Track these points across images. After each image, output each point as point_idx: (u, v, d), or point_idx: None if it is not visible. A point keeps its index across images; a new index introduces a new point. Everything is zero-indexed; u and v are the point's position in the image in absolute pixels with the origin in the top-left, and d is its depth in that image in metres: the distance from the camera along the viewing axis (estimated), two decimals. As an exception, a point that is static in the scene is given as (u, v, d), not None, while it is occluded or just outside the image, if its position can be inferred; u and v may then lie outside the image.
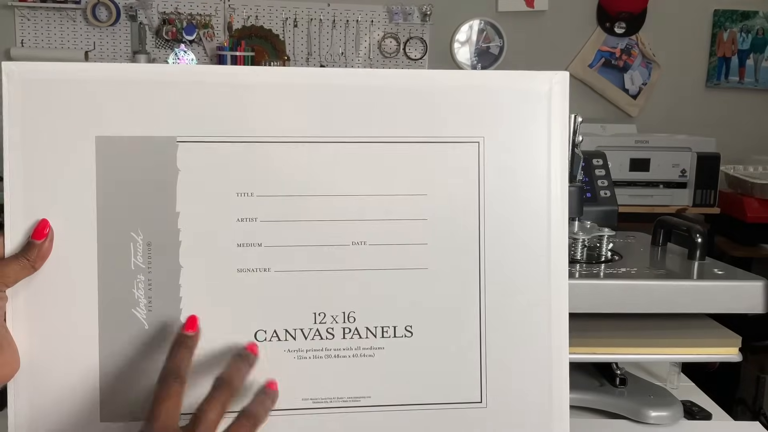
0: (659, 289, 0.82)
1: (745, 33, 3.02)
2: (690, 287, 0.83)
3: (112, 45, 2.87)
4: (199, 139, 0.56)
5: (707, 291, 0.83)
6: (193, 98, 0.56)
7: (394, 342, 0.58)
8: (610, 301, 0.81)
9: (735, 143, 2.95)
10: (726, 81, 3.04)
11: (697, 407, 0.95)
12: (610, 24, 2.97)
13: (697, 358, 0.88)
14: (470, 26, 2.96)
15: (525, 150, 0.59)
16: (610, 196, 1.08)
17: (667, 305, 0.83)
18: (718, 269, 0.87)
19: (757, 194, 2.64)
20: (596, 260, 0.92)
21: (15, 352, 0.53)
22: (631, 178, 2.60)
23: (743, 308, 0.83)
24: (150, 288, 0.55)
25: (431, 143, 0.58)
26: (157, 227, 0.55)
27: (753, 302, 0.83)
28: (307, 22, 2.91)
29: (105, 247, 0.55)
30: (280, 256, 0.57)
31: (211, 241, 0.56)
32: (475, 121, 0.59)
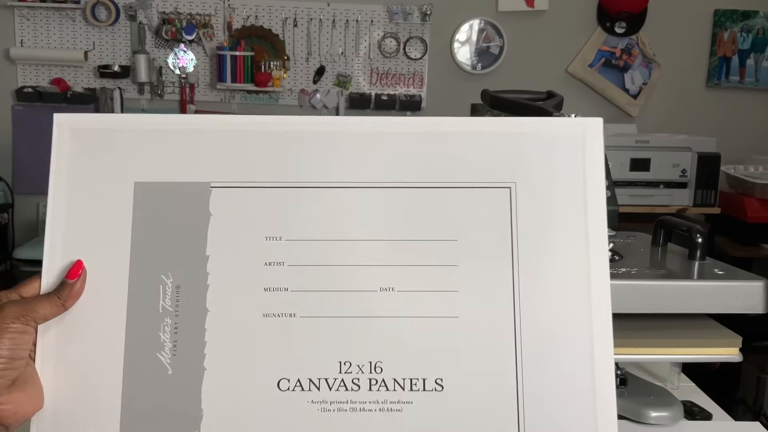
0: (659, 289, 0.82)
1: (746, 33, 3.02)
2: (690, 287, 0.83)
3: (112, 45, 2.87)
4: (232, 184, 0.57)
5: (707, 291, 0.82)
6: (227, 146, 0.57)
7: (423, 396, 0.55)
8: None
9: (735, 143, 2.94)
10: (726, 81, 3.04)
11: (698, 407, 0.94)
12: (610, 24, 2.97)
13: (697, 358, 0.87)
14: (470, 26, 2.96)
15: (560, 195, 0.57)
16: (610, 196, 1.07)
17: (667, 305, 0.82)
18: (719, 269, 0.87)
19: (758, 194, 2.64)
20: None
21: (40, 389, 0.53)
22: (631, 178, 2.59)
23: (744, 308, 0.82)
24: (176, 332, 0.55)
25: (461, 188, 0.57)
26: (186, 270, 0.56)
27: (753, 302, 0.82)
28: (307, 21, 2.90)
29: (135, 290, 0.55)
30: (306, 302, 0.56)
31: (238, 284, 0.56)
32: (507, 166, 0.57)
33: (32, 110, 2.85)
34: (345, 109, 2.94)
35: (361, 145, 0.58)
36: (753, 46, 3.03)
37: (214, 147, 0.57)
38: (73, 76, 2.87)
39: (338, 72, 2.94)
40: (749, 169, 2.77)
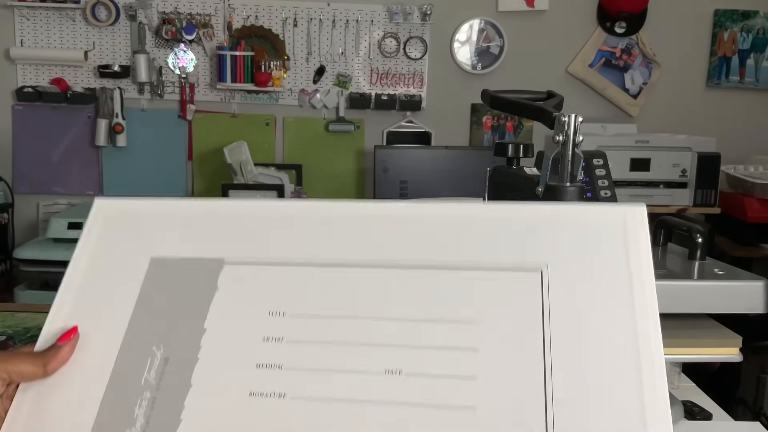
0: (659, 289, 0.82)
1: (746, 33, 3.02)
2: (690, 287, 0.83)
3: (112, 45, 2.87)
4: (244, 261, 0.57)
5: (708, 291, 0.83)
6: (242, 227, 0.58)
7: None
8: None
9: (735, 143, 2.94)
10: (726, 81, 3.04)
11: (698, 407, 0.95)
12: (610, 24, 2.97)
13: (697, 358, 0.87)
14: (470, 26, 2.95)
15: (600, 285, 0.51)
16: (610, 196, 1.07)
17: (667, 305, 0.82)
18: (719, 269, 0.87)
19: (758, 194, 2.64)
20: None
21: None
22: (631, 178, 2.59)
23: (744, 308, 0.82)
24: (153, 407, 0.51)
25: (487, 270, 0.53)
26: (179, 343, 0.54)
27: (753, 302, 0.82)
28: (307, 21, 2.90)
29: (122, 361, 0.54)
30: (299, 381, 0.50)
31: (229, 359, 0.52)
32: (538, 250, 0.53)
33: (32, 110, 2.85)
34: (345, 109, 2.94)
35: (384, 226, 0.56)
36: (753, 46, 3.03)
37: (232, 226, 0.58)
38: (73, 76, 2.87)
39: (338, 72, 2.94)
40: (749, 169, 2.77)
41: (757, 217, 2.62)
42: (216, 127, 2.94)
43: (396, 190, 2.69)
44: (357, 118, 2.96)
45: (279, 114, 2.96)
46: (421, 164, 2.70)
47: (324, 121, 2.96)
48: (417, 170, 2.69)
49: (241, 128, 2.94)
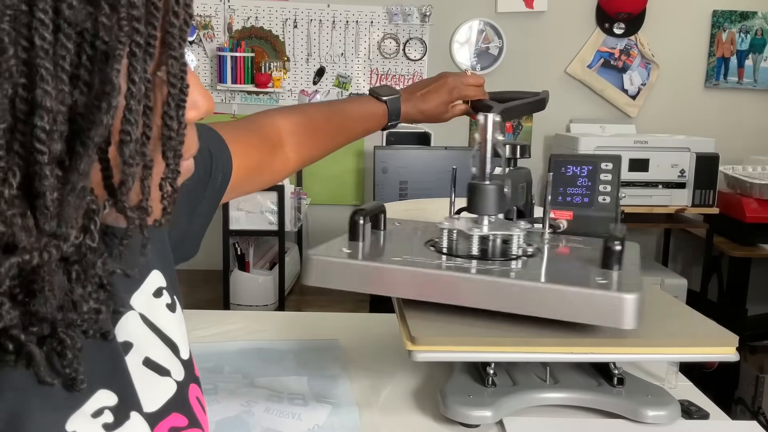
0: (503, 286, 0.79)
1: (744, 33, 3.03)
2: (540, 289, 0.78)
3: (113, 46, 2.88)
4: None
5: (560, 296, 0.77)
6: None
7: None
8: (470, 294, 0.80)
9: (734, 143, 2.95)
10: (725, 81, 3.05)
11: (695, 407, 0.95)
12: (609, 24, 2.97)
13: (694, 357, 0.88)
14: (470, 27, 2.96)
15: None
16: (609, 202, 1.05)
17: (515, 306, 0.79)
18: (602, 278, 0.80)
19: (756, 194, 2.65)
20: (527, 255, 0.90)
21: None
22: (630, 179, 2.60)
23: (604, 321, 0.77)
24: None
25: None
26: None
27: (616, 317, 0.76)
28: (307, 22, 2.91)
29: None
30: None
31: None
32: None
33: (33, 111, 2.86)
34: (345, 110, 2.95)
35: None
36: (751, 46, 3.04)
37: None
38: (74, 77, 2.88)
39: (338, 73, 2.95)
40: (747, 169, 2.78)
41: (756, 217, 2.63)
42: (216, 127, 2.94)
43: (396, 191, 2.70)
44: (357, 119, 2.97)
45: (279, 115, 2.97)
46: (420, 165, 2.70)
47: (324, 122, 2.97)
48: (417, 171, 2.70)
49: (242, 129, 2.95)
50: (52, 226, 0.36)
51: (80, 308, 0.42)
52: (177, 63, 0.40)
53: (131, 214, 0.41)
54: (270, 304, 2.52)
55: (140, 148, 0.40)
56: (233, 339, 1.21)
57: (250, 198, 2.45)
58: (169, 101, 0.41)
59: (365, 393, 1.01)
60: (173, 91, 0.41)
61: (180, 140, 0.42)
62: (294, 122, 0.96)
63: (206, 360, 1.10)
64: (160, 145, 0.42)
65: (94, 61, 0.36)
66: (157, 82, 0.41)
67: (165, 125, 0.41)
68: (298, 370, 1.08)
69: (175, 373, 0.56)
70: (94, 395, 0.45)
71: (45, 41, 0.34)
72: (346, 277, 0.86)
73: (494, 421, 0.89)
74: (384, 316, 1.31)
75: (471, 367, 0.97)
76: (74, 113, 0.36)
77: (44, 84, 0.34)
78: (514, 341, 0.84)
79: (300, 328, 1.30)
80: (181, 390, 0.56)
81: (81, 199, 0.38)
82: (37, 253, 0.36)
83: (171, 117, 0.41)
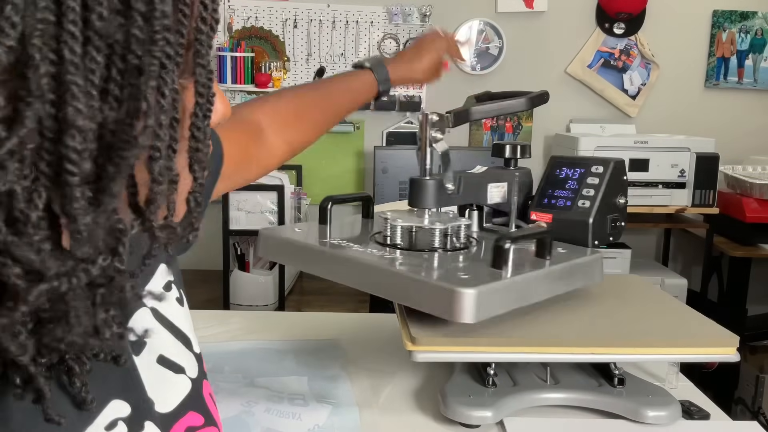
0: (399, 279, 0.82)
1: (744, 33, 3.02)
2: (396, 275, 0.83)
3: (112, 46, 2.88)
4: None
5: (409, 284, 0.82)
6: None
7: None
8: (345, 274, 0.87)
9: (734, 143, 2.95)
10: (725, 81, 3.05)
11: (696, 407, 0.95)
12: (609, 24, 2.97)
13: (694, 357, 0.88)
14: (470, 27, 2.96)
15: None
16: (587, 207, 0.98)
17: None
18: (464, 274, 0.81)
19: (756, 194, 2.65)
20: (449, 248, 0.92)
21: None
22: (630, 179, 2.58)
23: (442, 312, 0.79)
24: None
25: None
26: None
27: (450, 309, 0.77)
28: (307, 22, 2.91)
29: None
30: None
31: None
32: None
33: (33, 111, 2.86)
34: (345, 110, 2.95)
35: None
36: (751, 46, 3.04)
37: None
38: (74, 77, 2.88)
39: (338, 73, 2.95)
40: (747, 169, 2.78)
41: (756, 217, 2.63)
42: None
43: (396, 191, 2.70)
44: (357, 119, 2.97)
45: (279, 115, 2.97)
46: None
47: (324, 122, 2.97)
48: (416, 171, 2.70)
49: (241, 129, 2.95)
50: (85, 252, 0.35)
51: (103, 334, 0.40)
52: (205, 71, 0.39)
53: (159, 233, 0.40)
54: (270, 304, 2.52)
55: (168, 163, 0.38)
56: (233, 339, 1.21)
57: (250, 198, 2.45)
58: (197, 112, 0.39)
59: (365, 393, 1.01)
60: (201, 101, 0.39)
61: (206, 152, 0.41)
62: (276, 109, 0.95)
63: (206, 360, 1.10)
64: (186, 158, 0.40)
65: (125, 76, 0.34)
66: (184, 92, 0.39)
67: (193, 137, 0.40)
68: (298, 370, 1.08)
69: (190, 369, 0.55)
70: (108, 406, 0.44)
71: (75, 55, 0.32)
72: (281, 252, 0.97)
73: (495, 421, 0.89)
74: (384, 316, 1.31)
75: (471, 367, 0.97)
76: (104, 130, 0.35)
77: (76, 101, 0.32)
78: (514, 341, 0.84)
79: (300, 328, 1.30)
80: (196, 387, 0.55)
81: (110, 221, 0.36)
82: (66, 279, 0.35)
83: (199, 128, 0.39)
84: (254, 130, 0.91)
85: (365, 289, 0.87)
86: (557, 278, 0.88)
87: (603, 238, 0.99)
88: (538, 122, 3.02)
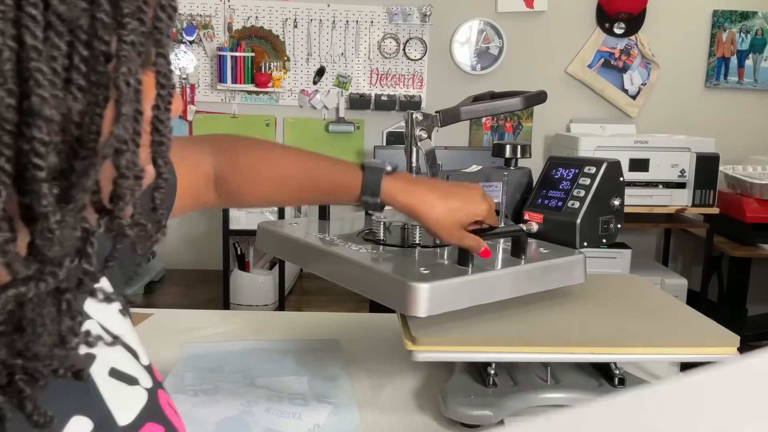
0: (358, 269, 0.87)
1: (744, 33, 3.03)
2: (362, 268, 0.87)
3: (113, 46, 2.88)
4: None
5: (371, 276, 0.86)
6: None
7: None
8: (321, 266, 0.93)
9: (734, 143, 2.95)
10: (725, 81, 3.05)
11: (696, 407, 0.95)
12: (609, 24, 2.97)
13: (695, 357, 0.88)
14: (470, 27, 2.96)
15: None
16: (576, 208, 0.96)
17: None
18: (425, 269, 0.85)
19: (756, 194, 2.65)
20: (431, 245, 0.94)
21: None
22: (630, 179, 2.60)
23: (399, 306, 0.83)
24: None
25: None
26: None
27: (404, 302, 0.80)
28: (307, 22, 2.91)
29: None
30: None
31: None
32: None
33: (33, 111, 2.86)
34: (345, 110, 2.95)
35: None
36: (751, 46, 3.04)
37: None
38: (74, 76, 2.88)
39: (338, 73, 2.95)
40: (748, 169, 2.78)
41: (756, 217, 2.63)
42: (216, 127, 2.95)
43: (396, 191, 2.70)
44: (357, 119, 2.97)
45: (279, 115, 2.97)
46: (420, 165, 2.70)
47: (324, 122, 2.97)
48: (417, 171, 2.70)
49: (242, 129, 2.95)
50: (55, 252, 0.33)
51: (69, 343, 0.36)
52: (165, 61, 0.37)
53: (129, 232, 0.38)
54: (270, 304, 2.52)
55: (133, 158, 0.36)
56: (233, 339, 1.21)
57: (250, 198, 2.44)
58: (159, 103, 0.38)
59: (365, 393, 1.01)
60: (162, 92, 0.38)
61: (169, 145, 0.39)
62: (251, 168, 0.85)
63: (206, 360, 1.10)
64: (149, 153, 0.38)
65: (89, 63, 0.33)
66: (145, 84, 0.37)
67: (156, 130, 0.38)
68: (298, 370, 1.08)
69: (143, 380, 0.52)
70: (68, 424, 0.42)
71: (37, 40, 0.30)
72: (274, 245, 1.02)
73: (495, 421, 0.88)
74: (384, 316, 1.31)
75: (472, 367, 0.97)
76: (67, 123, 0.33)
77: (41, 90, 0.30)
78: (514, 341, 0.84)
79: (300, 328, 1.30)
80: (152, 398, 0.52)
81: (78, 220, 0.34)
82: (34, 284, 0.32)
83: (161, 121, 0.38)
84: (206, 172, 0.83)
85: (337, 281, 0.91)
86: (528, 277, 0.87)
87: (594, 239, 0.98)
88: (539, 122, 3.02)
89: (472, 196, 0.84)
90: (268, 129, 2.97)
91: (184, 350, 1.14)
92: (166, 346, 1.17)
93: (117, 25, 0.33)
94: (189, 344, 1.17)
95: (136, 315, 1.35)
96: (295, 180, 0.86)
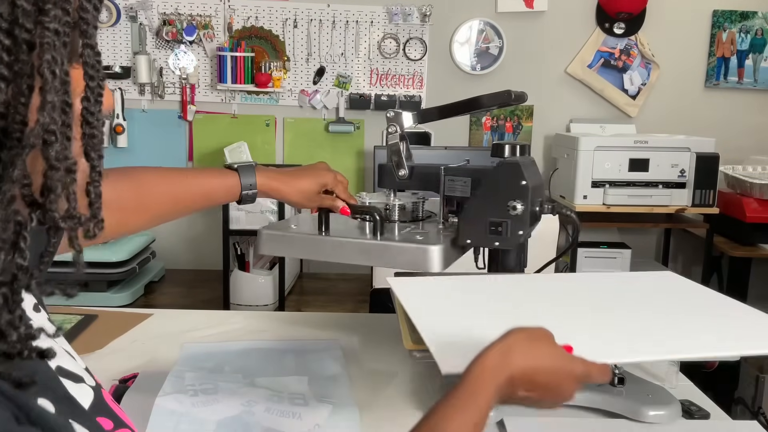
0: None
1: (744, 33, 3.02)
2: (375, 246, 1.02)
3: (113, 46, 2.88)
4: None
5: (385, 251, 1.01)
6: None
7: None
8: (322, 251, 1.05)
9: (734, 143, 2.95)
10: (725, 81, 3.05)
11: (696, 406, 0.95)
12: (609, 24, 2.97)
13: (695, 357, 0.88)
14: (470, 27, 2.96)
15: None
16: (551, 209, 1.10)
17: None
18: (419, 236, 1.04)
19: (756, 194, 2.65)
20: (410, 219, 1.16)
21: None
22: (630, 179, 2.60)
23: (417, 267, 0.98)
24: None
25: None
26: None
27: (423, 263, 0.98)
28: (307, 22, 2.91)
29: None
30: None
31: None
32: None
33: (33, 111, 2.86)
34: (345, 110, 2.95)
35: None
36: (751, 46, 3.04)
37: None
38: (74, 77, 2.88)
39: (338, 73, 2.95)
40: (748, 169, 2.78)
41: (756, 217, 2.63)
42: (216, 127, 2.95)
43: (396, 191, 2.70)
44: (357, 119, 2.97)
45: (279, 115, 2.97)
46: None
47: (324, 122, 2.97)
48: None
49: (242, 129, 2.95)
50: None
51: (10, 336, 0.36)
52: (93, 53, 0.37)
53: (63, 224, 0.37)
54: (270, 304, 2.52)
55: (64, 151, 0.36)
56: (233, 339, 1.21)
57: (250, 198, 2.44)
58: (88, 95, 0.37)
59: (365, 393, 1.01)
60: (92, 84, 0.37)
61: (101, 138, 0.39)
62: (114, 190, 0.88)
63: (206, 360, 1.10)
64: (80, 146, 0.38)
65: (13, 52, 0.32)
66: (74, 76, 0.37)
67: (86, 122, 0.38)
68: (298, 370, 1.08)
69: (87, 379, 0.53)
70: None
71: None
72: (281, 245, 1.09)
73: (495, 420, 0.89)
74: (384, 316, 1.31)
75: (471, 367, 0.97)
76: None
77: None
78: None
79: (300, 328, 1.30)
80: (97, 395, 0.52)
81: (8, 213, 0.34)
82: None
83: (91, 113, 0.38)
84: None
85: (344, 261, 1.05)
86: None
87: (479, 239, 1.05)
88: (539, 122, 3.03)
89: (317, 170, 1.12)
90: (268, 129, 2.97)
91: (184, 350, 1.14)
92: (166, 346, 1.17)
93: (39, 12, 0.32)
94: (189, 344, 1.17)
95: (137, 315, 1.35)
96: (166, 198, 0.95)
